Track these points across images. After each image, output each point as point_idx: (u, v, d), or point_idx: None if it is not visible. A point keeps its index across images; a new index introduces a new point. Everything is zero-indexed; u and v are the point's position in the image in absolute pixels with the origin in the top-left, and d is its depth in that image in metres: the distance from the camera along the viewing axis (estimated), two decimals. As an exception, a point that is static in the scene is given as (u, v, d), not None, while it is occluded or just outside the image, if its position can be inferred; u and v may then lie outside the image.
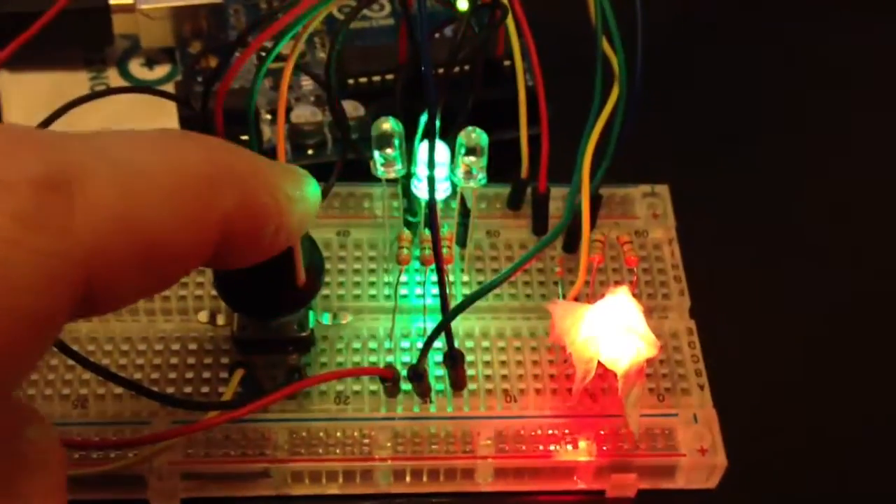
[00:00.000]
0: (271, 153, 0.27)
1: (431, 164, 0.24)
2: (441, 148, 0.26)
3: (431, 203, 0.24)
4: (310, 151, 0.32)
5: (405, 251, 0.27)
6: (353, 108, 0.32)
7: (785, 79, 0.37)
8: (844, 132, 0.36)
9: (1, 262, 0.15)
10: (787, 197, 0.34)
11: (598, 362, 0.25)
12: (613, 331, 0.25)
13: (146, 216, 0.17)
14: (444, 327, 0.24)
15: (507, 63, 0.33)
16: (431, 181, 0.24)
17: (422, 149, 0.27)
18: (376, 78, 0.33)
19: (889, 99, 0.37)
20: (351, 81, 0.33)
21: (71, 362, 0.26)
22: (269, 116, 0.32)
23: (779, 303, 0.31)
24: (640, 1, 0.27)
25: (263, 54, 0.25)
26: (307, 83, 0.33)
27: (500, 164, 0.28)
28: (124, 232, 0.17)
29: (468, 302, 0.25)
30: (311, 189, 0.22)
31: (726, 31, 0.38)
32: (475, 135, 0.26)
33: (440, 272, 0.24)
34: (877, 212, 0.34)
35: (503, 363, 0.28)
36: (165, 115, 0.31)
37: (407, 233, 0.28)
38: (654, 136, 0.33)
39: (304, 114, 0.32)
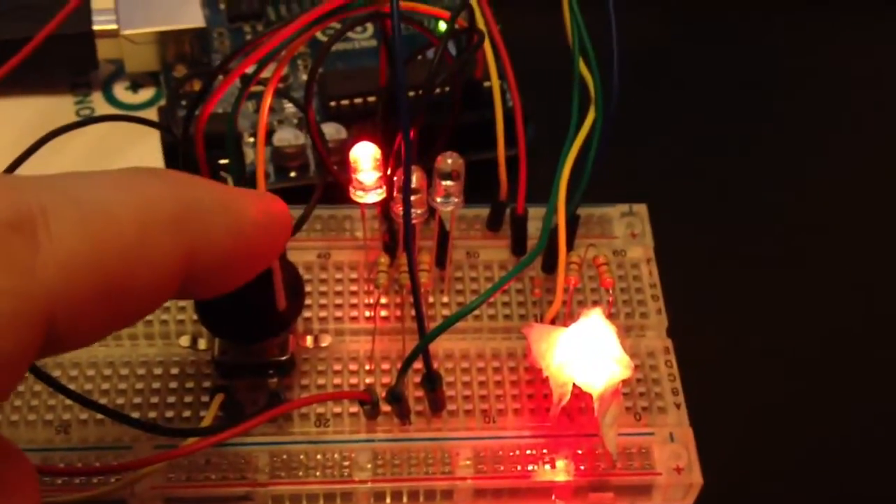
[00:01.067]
0: (254, 176, 0.27)
1: (407, 189, 0.24)
2: (418, 172, 0.26)
3: (407, 228, 0.25)
4: (292, 174, 0.33)
5: (384, 275, 0.28)
6: (334, 131, 0.32)
7: (763, 98, 0.37)
8: (823, 148, 0.36)
9: None
10: (766, 215, 0.34)
11: (574, 385, 0.26)
12: (587, 354, 0.25)
13: (110, 255, 0.17)
14: (420, 351, 0.25)
15: (486, 84, 0.33)
16: (407, 206, 0.24)
17: (399, 173, 0.27)
18: (358, 100, 0.33)
19: (865, 114, 0.38)
20: (333, 103, 0.33)
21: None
22: (252, 139, 0.33)
23: (757, 321, 0.32)
24: (615, 24, 0.27)
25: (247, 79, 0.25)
26: (290, 106, 0.34)
27: (480, 185, 0.28)
28: (88, 271, 0.17)
29: (446, 325, 0.25)
30: (283, 215, 0.22)
31: (704, 49, 0.39)
32: (452, 160, 0.26)
33: (416, 297, 0.24)
34: (860, 228, 0.34)
35: (482, 383, 0.28)
36: (149, 140, 0.32)
37: (385, 256, 0.28)
38: (632, 155, 0.33)
39: (287, 137, 0.32)
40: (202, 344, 0.28)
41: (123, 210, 0.18)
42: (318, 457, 0.27)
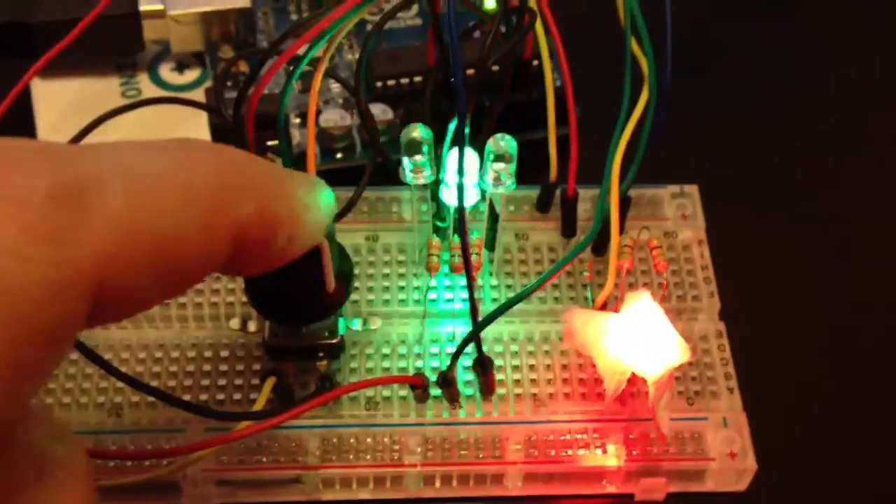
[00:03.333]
0: (300, 158, 0.27)
1: (461, 171, 0.24)
2: (470, 155, 0.26)
3: (461, 211, 0.24)
4: (339, 155, 0.32)
5: (434, 258, 0.27)
6: (381, 112, 0.32)
7: (817, 77, 0.37)
8: (878, 130, 0.36)
9: (13, 275, 0.15)
10: (818, 197, 0.33)
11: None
12: (642, 340, 0.25)
13: (157, 226, 0.17)
14: (473, 337, 0.24)
15: (535, 63, 0.33)
16: (461, 189, 0.24)
17: (451, 156, 0.27)
18: (404, 80, 0.33)
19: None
20: (379, 84, 0.33)
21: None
22: (297, 120, 0.33)
23: (810, 304, 0.31)
24: (669, 3, 0.27)
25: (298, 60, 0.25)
26: (335, 86, 0.33)
27: (529, 166, 0.28)
28: (135, 241, 0.17)
29: (498, 312, 0.24)
30: (326, 197, 0.22)
31: (757, 30, 0.38)
32: (504, 142, 0.26)
33: (469, 282, 0.24)
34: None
35: (532, 367, 0.28)
36: (196, 121, 0.31)
37: (436, 239, 0.28)
38: (684, 136, 0.33)
39: (333, 118, 0.32)
40: (252, 326, 0.28)
41: (172, 180, 0.18)
42: (369, 440, 0.26)
